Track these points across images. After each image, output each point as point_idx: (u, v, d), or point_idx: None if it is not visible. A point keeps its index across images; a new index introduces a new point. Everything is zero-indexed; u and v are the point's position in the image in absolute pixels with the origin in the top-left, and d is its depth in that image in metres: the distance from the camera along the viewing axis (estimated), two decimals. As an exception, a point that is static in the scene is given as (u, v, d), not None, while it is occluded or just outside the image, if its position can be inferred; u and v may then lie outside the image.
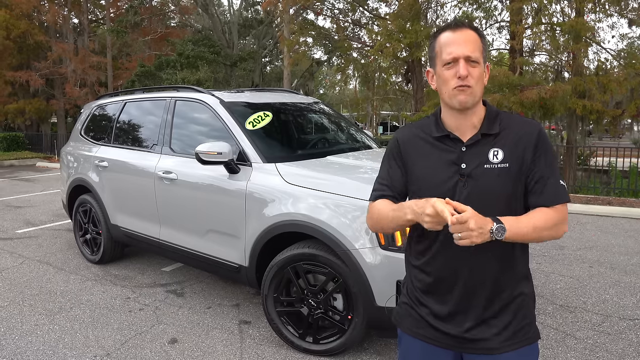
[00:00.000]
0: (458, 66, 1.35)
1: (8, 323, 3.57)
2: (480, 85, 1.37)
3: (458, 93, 1.36)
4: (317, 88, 36.10)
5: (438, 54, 1.39)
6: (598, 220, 7.02)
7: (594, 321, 3.56)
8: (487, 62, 1.43)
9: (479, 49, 1.37)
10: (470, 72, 1.35)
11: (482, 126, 1.41)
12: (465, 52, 1.34)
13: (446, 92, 1.38)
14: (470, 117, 1.41)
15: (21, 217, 7.28)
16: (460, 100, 1.36)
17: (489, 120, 1.42)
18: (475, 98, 1.37)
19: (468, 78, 1.34)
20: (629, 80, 9.43)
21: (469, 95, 1.36)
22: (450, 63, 1.36)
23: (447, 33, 1.38)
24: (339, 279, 2.89)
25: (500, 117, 1.43)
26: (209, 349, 3.18)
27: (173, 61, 18.16)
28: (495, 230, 1.26)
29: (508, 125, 1.42)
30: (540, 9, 9.93)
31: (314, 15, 15.74)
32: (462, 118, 1.41)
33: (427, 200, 1.30)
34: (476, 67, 1.36)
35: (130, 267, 4.88)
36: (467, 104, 1.37)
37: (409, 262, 1.54)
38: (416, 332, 1.49)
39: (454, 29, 1.37)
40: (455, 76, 1.35)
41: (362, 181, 3.07)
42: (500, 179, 1.36)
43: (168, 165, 3.96)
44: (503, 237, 1.28)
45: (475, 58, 1.35)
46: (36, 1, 18.35)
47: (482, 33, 1.41)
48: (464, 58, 1.34)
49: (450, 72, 1.36)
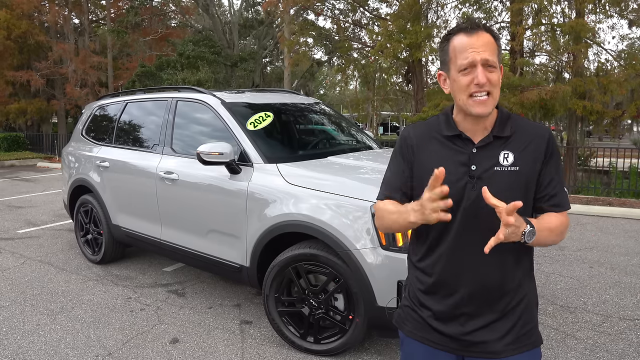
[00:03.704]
0: (475, 72, 1.29)
1: (10, 323, 3.58)
2: (498, 90, 1.33)
3: (475, 105, 1.31)
4: (317, 88, 36.11)
5: (452, 59, 1.33)
6: (598, 220, 7.03)
7: (594, 321, 3.56)
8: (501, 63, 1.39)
9: (496, 52, 1.32)
10: (489, 78, 1.30)
11: (494, 128, 1.38)
12: (484, 56, 1.28)
13: (461, 99, 1.34)
14: (483, 121, 1.38)
15: (22, 218, 7.29)
16: (478, 112, 1.32)
17: (501, 123, 1.39)
18: (494, 106, 1.34)
19: (487, 84, 1.30)
20: (629, 81, 9.43)
21: (489, 106, 1.32)
22: (466, 69, 1.30)
23: (461, 36, 1.32)
24: (340, 279, 2.90)
25: (511, 120, 1.40)
26: (210, 349, 3.19)
27: (173, 61, 18.17)
28: (527, 233, 1.24)
29: (519, 128, 1.39)
30: (541, 9, 9.95)
31: (314, 15, 15.75)
32: (476, 122, 1.38)
33: (426, 196, 1.23)
34: (494, 72, 1.31)
35: (132, 267, 4.88)
36: (486, 114, 1.33)
37: (411, 264, 1.53)
38: (418, 335, 1.47)
39: (469, 32, 1.31)
40: (472, 82, 1.30)
41: (363, 182, 3.08)
42: (510, 181, 1.34)
43: (169, 165, 3.97)
44: (530, 241, 1.26)
45: (493, 62, 1.30)
46: (37, 1, 18.36)
47: (497, 35, 1.35)
48: (482, 63, 1.29)
49: (467, 78, 1.31)
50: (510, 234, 1.21)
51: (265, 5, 16.13)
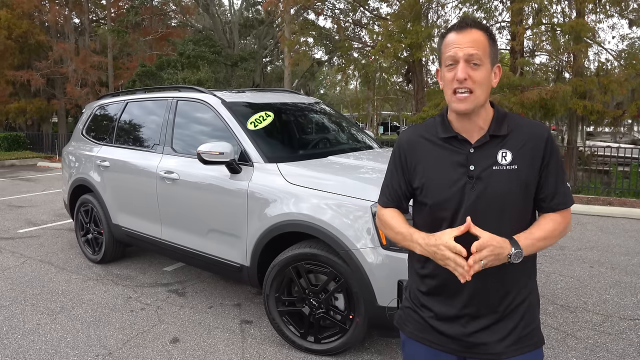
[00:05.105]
0: (457, 68, 1.31)
1: (10, 322, 3.58)
2: (483, 89, 1.32)
3: (457, 101, 1.33)
4: (317, 88, 36.10)
5: (442, 54, 1.36)
6: (599, 220, 7.02)
7: (595, 321, 3.56)
8: (497, 62, 1.38)
9: (484, 49, 1.32)
10: (470, 75, 1.30)
11: (491, 127, 1.38)
12: (467, 52, 1.29)
13: (447, 95, 1.36)
14: (475, 120, 1.37)
15: (22, 217, 7.29)
16: (457, 108, 1.33)
17: (497, 122, 1.38)
18: (476, 104, 1.33)
19: (467, 81, 1.30)
20: (630, 80, 9.42)
21: (469, 103, 1.32)
22: (451, 64, 1.32)
23: (452, 33, 1.34)
24: (340, 279, 2.90)
25: (508, 119, 1.40)
26: (211, 349, 3.19)
27: (174, 61, 18.17)
28: (513, 255, 1.28)
29: (516, 127, 1.38)
30: (541, 9, 9.94)
31: (314, 15, 15.73)
32: (467, 121, 1.38)
33: (436, 243, 1.31)
34: (478, 70, 1.30)
35: (132, 266, 4.88)
36: (466, 111, 1.34)
37: (412, 266, 1.52)
38: (420, 336, 1.47)
39: (458, 30, 1.33)
40: (454, 78, 1.31)
41: (363, 181, 3.08)
42: (509, 180, 1.34)
43: (170, 165, 3.97)
44: (518, 261, 1.30)
45: (477, 58, 1.30)
46: (37, 1, 18.36)
47: (490, 32, 1.35)
48: (463, 59, 1.30)
49: (450, 74, 1.33)
50: (489, 262, 1.27)
51: (265, 4, 16.12)
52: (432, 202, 1.40)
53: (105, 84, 19.72)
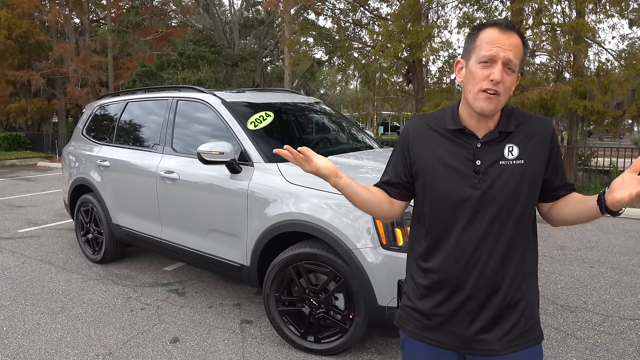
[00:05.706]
0: (494, 68, 1.27)
1: (10, 322, 3.58)
2: (507, 95, 1.32)
3: (483, 99, 1.30)
4: (317, 88, 36.11)
5: (477, 48, 1.31)
6: (599, 220, 7.02)
7: (595, 321, 3.56)
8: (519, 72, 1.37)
9: (520, 57, 1.31)
10: (503, 79, 1.28)
11: (500, 124, 1.37)
12: (507, 55, 1.27)
13: (471, 91, 1.32)
14: (487, 121, 1.37)
15: (23, 217, 7.29)
16: (482, 107, 1.31)
17: (506, 118, 1.38)
18: (498, 107, 1.32)
19: (499, 84, 1.28)
20: (630, 80, 9.42)
21: (494, 104, 1.30)
22: (487, 62, 1.29)
23: (494, 30, 1.29)
24: (340, 279, 2.90)
25: (515, 114, 1.40)
26: (211, 348, 3.19)
27: (174, 61, 18.17)
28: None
29: (522, 121, 1.39)
30: (541, 9, 9.94)
31: (314, 15, 15.72)
32: (483, 120, 1.37)
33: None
34: (510, 75, 1.30)
35: (132, 266, 4.89)
36: (488, 112, 1.32)
37: (412, 263, 1.52)
38: (419, 334, 1.47)
39: (503, 29, 1.29)
40: (487, 77, 1.28)
41: (364, 181, 3.07)
42: (516, 175, 1.34)
43: (170, 165, 3.97)
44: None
45: (513, 65, 1.29)
46: (37, 1, 18.36)
47: (527, 42, 1.33)
48: (503, 61, 1.27)
49: (484, 71, 1.29)
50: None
51: (265, 4, 16.13)
52: (434, 194, 1.40)
53: (105, 84, 19.73)
